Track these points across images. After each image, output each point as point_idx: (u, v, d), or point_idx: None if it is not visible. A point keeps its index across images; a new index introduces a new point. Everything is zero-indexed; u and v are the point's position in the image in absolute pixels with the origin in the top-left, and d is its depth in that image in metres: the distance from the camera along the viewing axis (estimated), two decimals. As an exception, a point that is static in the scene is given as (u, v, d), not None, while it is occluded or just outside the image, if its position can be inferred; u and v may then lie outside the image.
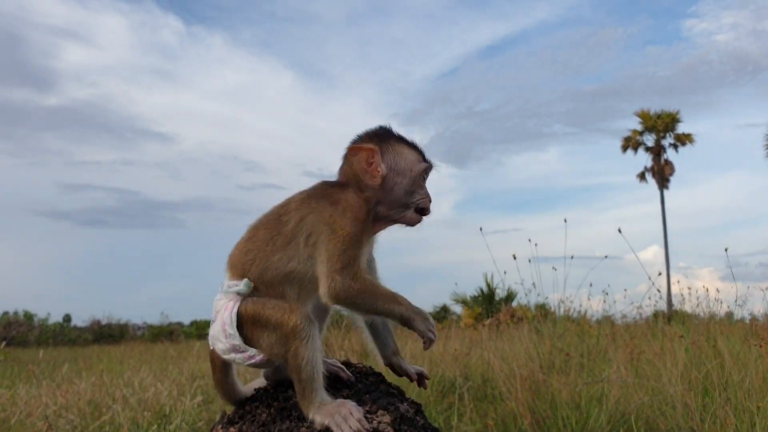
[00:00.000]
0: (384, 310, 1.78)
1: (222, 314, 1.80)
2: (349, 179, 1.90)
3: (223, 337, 1.79)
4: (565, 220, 6.00)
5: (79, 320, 32.53)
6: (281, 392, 1.88)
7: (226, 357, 1.83)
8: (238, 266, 1.86)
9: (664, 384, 4.31)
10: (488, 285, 21.71)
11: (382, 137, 1.92)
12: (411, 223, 1.91)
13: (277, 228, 1.85)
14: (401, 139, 1.93)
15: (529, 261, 6.34)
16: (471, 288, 23.33)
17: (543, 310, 9.00)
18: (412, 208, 1.89)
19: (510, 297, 21.15)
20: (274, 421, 1.79)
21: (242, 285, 1.80)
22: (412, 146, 1.93)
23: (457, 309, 24.24)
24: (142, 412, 5.49)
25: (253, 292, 1.82)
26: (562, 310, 7.05)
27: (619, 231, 4.64)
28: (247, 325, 1.79)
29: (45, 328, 26.13)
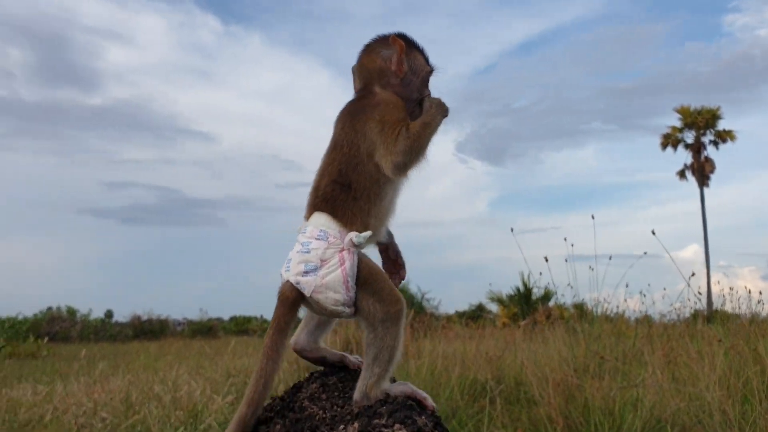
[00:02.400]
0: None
1: (344, 266, 1.81)
2: (371, 79, 2.07)
3: (342, 288, 1.80)
4: (593, 217, 5.86)
5: (121, 316, 33.22)
6: (296, 402, 1.84)
7: (333, 307, 1.83)
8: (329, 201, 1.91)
9: (701, 390, 4.17)
10: (525, 284, 21.48)
11: (402, 38, 2.07)
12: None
13: (351, 154, 1.92)
14: (414, 43, 2.11)
15: (566, 260, 6.23)
16: (507, 287, 23.14)
17: (580, 310, 8.85)
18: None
19: (547, 296, 20.85)
20: (289, 432, 1.75)
21: (362, 237, 1.83)
22: (422, 51, 2.12)
23: (493, 308, 24.09)
24: (174, 411, 5.52)
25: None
26: (599, 310, 6.93)
27: (653, 233, 4.52)
28: (359, 283, 1.84)
29: (87, 323, 26.64)
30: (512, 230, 6.28)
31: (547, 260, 5.65)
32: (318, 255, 1.84)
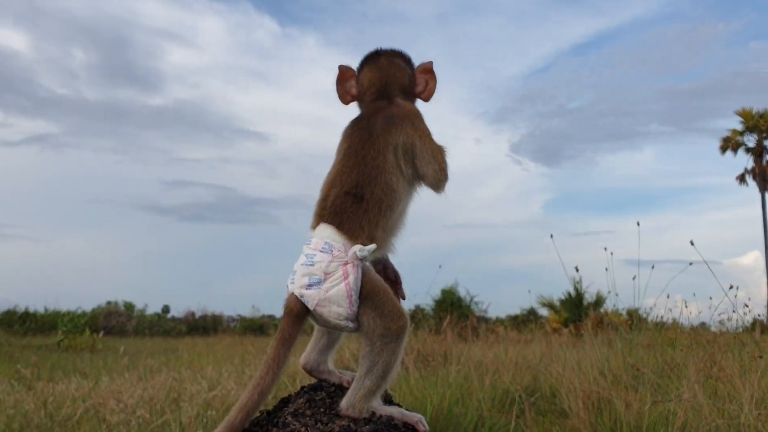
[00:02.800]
0: None
1: (348, 280, 1.80)
2: (390, 89, 2.09)
3: (346, 302, 1.80)
4: (638, 224, 5.68)
5: (177, 311, 33.97)
6: (281, 417, 1.82)
7: (335, 321, 1.83)
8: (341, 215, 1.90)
9: (736, 408, 3.99)
10: (576, 289, 21.04)
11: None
12: None
13: (372, 164, 1.92)
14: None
15: (606, 269, 6.07)
16: (559, 291, 22.71)
17: (633, 316, 8.62)
18: None
19: (599, 302, 20.38)
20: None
21: (366, 250, 1.81)
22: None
23: (545, 312, 23.67)
24: (207, 411, 5.59)
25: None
26: (652, 317, 6.78)
27: (692, 243, 4.33)
28: (362, 297, 1.83)
29: (142, 318, 27.35)
30: (552, 236, 6.16)
31: (606, 269, 5.52)
32: (322, 268, 1.83)
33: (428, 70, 2.14)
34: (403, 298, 2.05)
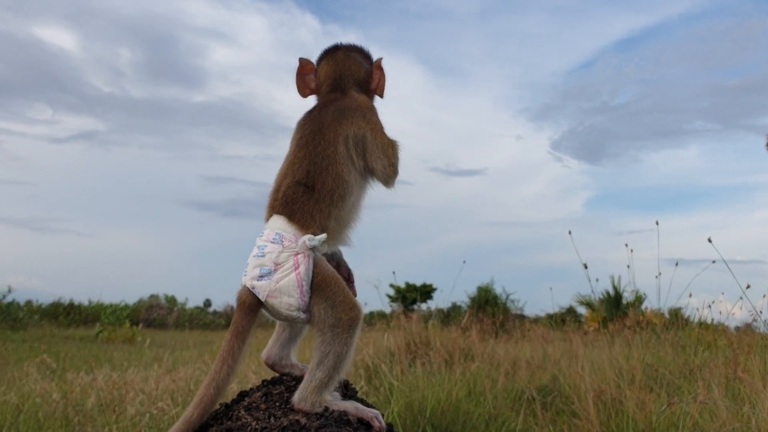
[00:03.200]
0: None
1: (299, 270, 1.79)
2: (348, 81, 2.09)
3: (297, 292, 1.79)
4: (657, 223, 5.55)
5: (218, 305, 34.48)
6: (236, 411, 1.81)
7: (287, 312, 1.82)
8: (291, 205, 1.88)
9: (751, 409, 3.85)
10: (615, 288, 20.62)
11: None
12: None
13: (323, 154, 1.91)
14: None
15: (648, 264, 5.95)
16: (599, 290, 22.29)
17: (676, 316, 8.45)
18: None
19: (638, 301, 19.94)
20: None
21: (317, 240, 1.80)
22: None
23: (583, 311, 23.28)
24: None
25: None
26: (695, 317, 6.63)
27: (709, 241, 4.18)
28: (313, 288, 1.82)
29: (183, 312, 27.79)
30: (570, 232, 6.05)
31: (658, 270, 5.37)
32: (272, 259, 1.82)
33: (378, 66, 2.14)
34: (354, 296, 2.03)
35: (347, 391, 1.96)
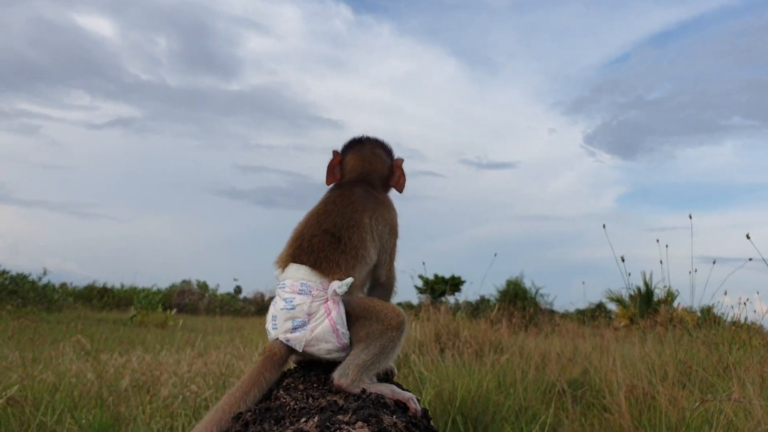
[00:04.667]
0: None
1: (331, 316, 1.83)
2: (373, 177, 2.17)
3: (333, 337, 1.83)
4: (690, 216, 5.45)
5: (248, 292, 34.84)
6: (274, 391, 1.84)
7: (328, 356, 1.87)
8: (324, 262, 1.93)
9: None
10: (646, 284, 20.38)
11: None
12: None
13: (350, 216, 1.98)
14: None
15: (681, 261, 5.88)
16: (633, 286, 22.03)
17: (708, 314, 8.35)
18: None
19: (670, 298, 19.68)
20: None
21: (345, 285, 1.84)
22: None
23: (613, 307, 23.07)
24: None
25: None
26: (729, 315, 6.54)
27: (747, 237, 4.11)
28: (352, 322, 1.87)
29: (214, 297, 28.14)
30: (604, 226, 6.00)
31: (692, 267, 5.32)
32: (304, 310, 1.85)
33: (398, 166, 2.22)
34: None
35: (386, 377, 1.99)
